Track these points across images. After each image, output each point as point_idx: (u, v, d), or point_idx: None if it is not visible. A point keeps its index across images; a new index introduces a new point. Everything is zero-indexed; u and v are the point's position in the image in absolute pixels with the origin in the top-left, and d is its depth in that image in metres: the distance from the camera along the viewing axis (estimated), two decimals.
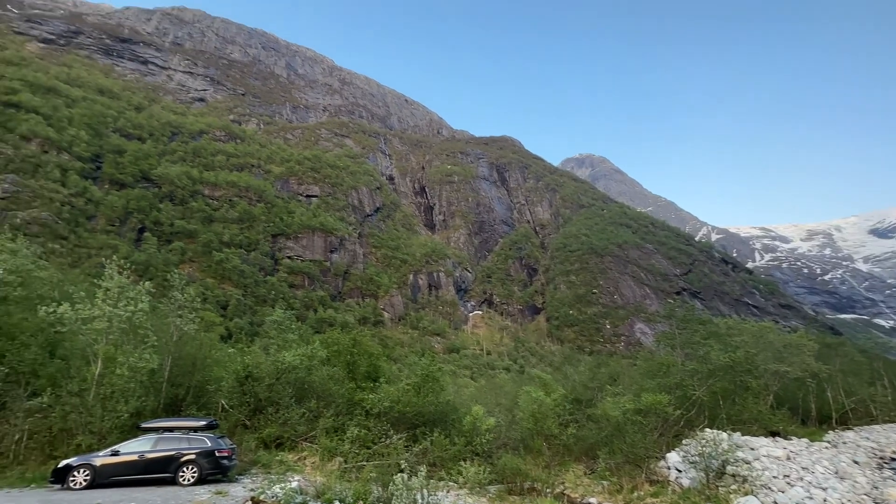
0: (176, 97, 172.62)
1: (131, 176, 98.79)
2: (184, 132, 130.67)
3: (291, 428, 18.18)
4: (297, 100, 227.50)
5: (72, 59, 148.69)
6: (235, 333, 66.93)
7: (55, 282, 23.69)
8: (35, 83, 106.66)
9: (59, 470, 13.08)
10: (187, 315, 20.50)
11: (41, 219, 74.30)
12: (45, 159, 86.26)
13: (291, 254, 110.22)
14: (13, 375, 15.96)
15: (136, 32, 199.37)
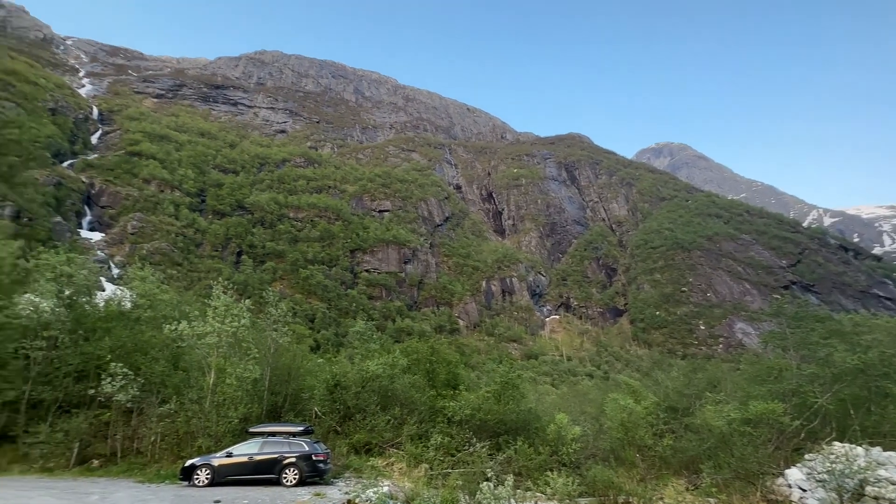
0: (261, 131, 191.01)
1: (229, 206, 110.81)
2: (269, 162, 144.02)
3: (378, 434, 18.92)
4: (365, 121, 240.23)
5: (178, 108, 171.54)
6: (323, 344, 71.61)
7: (175, 303, 27.15)
8: (151, 133, 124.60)
9: (185, 468, 14.88)
10: (281, 328, 22.33)
11: (161, 249, 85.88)
12: (161, 197, 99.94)
13: (368, 267, 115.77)
14: (147, 385, 18.51)
15: (226, 78, 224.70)
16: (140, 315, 23.13)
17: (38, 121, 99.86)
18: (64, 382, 18.74)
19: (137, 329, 21.33)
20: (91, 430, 18.04)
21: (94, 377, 18.75)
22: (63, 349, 19.06)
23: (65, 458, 17.20)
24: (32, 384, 18.23)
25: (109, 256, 79.63)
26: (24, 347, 18.36)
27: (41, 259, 22.13)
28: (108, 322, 21.39)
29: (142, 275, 26.35)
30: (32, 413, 18.30)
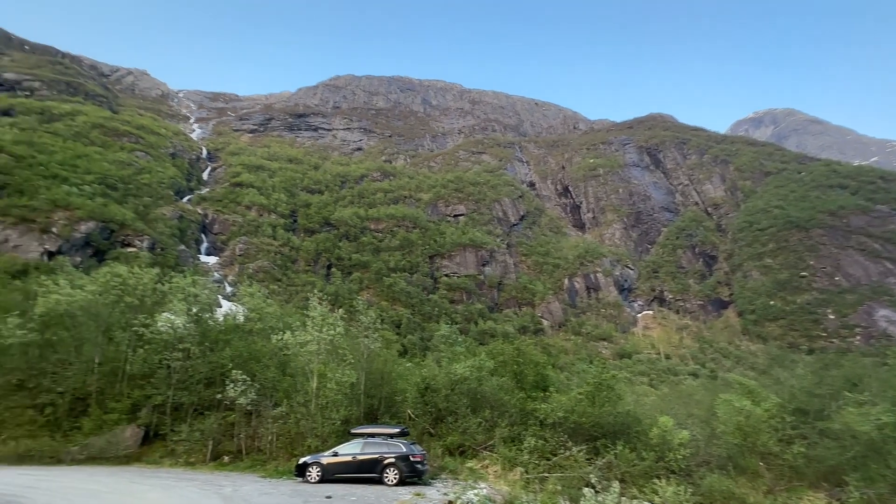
0: (340, 151, 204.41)
1: (317, 223, 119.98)
2: (349, 179, 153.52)
3: (471, 436, 19.06)
4: (434, 129, 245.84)
5: (269, 139, 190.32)
6: (409, 349, 74.16)
7: (279, 315, 29.98)
8: (249, 164, 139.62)
9: (299, 466, 16.30)
10: (372, 335, 23.57)
11: (264, 267, 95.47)
12: (261, 221, 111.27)
13: (448, 271, 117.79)
14: (262, 390, 20.60)
15: (307, 107, 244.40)
16: (252, 327, 25.90)
17: (163, 165, 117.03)
18: (197, 388, 21.58)
19: (251, 340, 23.88)
20: (220, 429, 20.53)
21: (220, 383, 21.31)
22: (194, 359, 21.96)
23: (202, 454, 19.76)
24: (174, 390, 21.25)
25: (223, 277, 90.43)
26: (165, 359, 21.50)
27: (173, 283, 25.76)
28: (228, 334, 24.23)
29: (250, 291, 29.51)
30: (175, 415, 21.32)
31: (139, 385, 22.00)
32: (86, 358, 22.53)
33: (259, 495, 13.20)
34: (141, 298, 24.62)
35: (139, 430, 20.84)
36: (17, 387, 22.29)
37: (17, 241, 67.08)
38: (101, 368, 22.54)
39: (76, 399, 21.87)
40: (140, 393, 21.58)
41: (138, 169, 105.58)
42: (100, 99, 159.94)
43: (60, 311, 22.92)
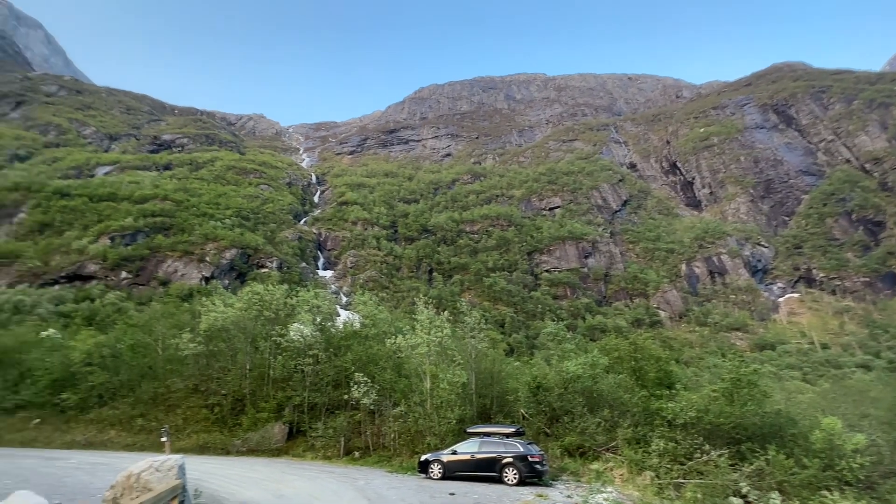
0: (431, 160, 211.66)
1: (416, 231, 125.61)
2: (442, 185, 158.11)
3: (590, 437, 18.15)
4: (520, 124, 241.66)
5: (366, 158, 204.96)
6: (516, 348, 73.47)
7: (390, 321, 31.91)
8: (351, 183, 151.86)
9: (422, 462, 17.09)
10: (478, 335, 23.85)
11: (373, 276, 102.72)
12: (366, 234, 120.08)
13: (548, 267, 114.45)
14: (382, 391, 22.09)
15: (397, 122, 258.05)
16: (368, 333, 27.96)
17: (282, 194, 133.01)
18: (326, 390, 23.94)
19: (368, 344, 25.78)
20: (349, 427, 22.47)
21: (345, 385, 23.35)
22: (322, 364, 24.40)
23: (336, 449, 21.81)
24: (308, 391, 23.86)
25: (339, 288, 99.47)
26: (299, 364, 24.25)
27: (300, 297, 28.96)
28: (348, 340, 26.49)
29: (363, 300, 31.89)
30: (311, 413, 23.90)
31: (281, 387, 25.14)
32: (240, 365, 26.44)
33: (388, 489, 14.12)
34: (276, 312, 28.15)
35: (285, 427, 23.76)
36: (193, 390, 27.03)
37: (182, 270, 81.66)
38: (251, 374, 26.26)
39: (236, 400, 25.75)
40: (282, 394, 24.63)
41: (264, 200, 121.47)
42: (230, 144, 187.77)
43: (218, 326, 27.25)
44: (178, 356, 27.41)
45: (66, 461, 18.05)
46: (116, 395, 27.32)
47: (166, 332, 29.73)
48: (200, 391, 26.70)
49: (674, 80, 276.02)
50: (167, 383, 27.25)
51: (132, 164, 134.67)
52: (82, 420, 26.15)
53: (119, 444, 23.94)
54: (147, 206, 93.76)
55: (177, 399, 26.63)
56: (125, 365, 28.48)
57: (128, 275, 77.92)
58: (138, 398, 26.72)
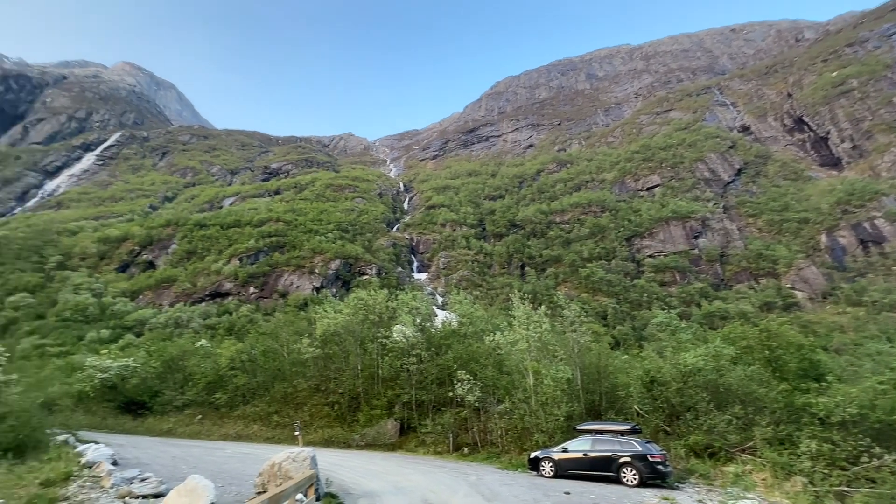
0: (513, 153, 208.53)
1: (504, 227, 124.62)
2: (526, 178, 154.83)
3: (720, 436, 16.27)
4: (605, 102, 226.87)
5: (449, 161, 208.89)
6: (622, 340, 68.99)
7: (486, 318, 32.05)
8: (437, 187, 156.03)
9: (532, 460, 16.83)
10: (579, 329, 22.83)
11: (465, 276, 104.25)
12: (455, 235, 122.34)
13: (651, 252, 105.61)
14: (485, 388, 22.24)
15: (475, 121, 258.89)
16: (466, 331, 28.41)
17: (374, 205, 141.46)
18: (431, 388, 24.81)
19: (467, 343, 26.18)
20: (456, 424, 23.01)
21: (449, 383, 23.98)
22: (425, 363, 25.35)
23: (445, 445, 22.48)
24: (415, 390, 24.96)
25: (434, 289, 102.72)
26: (404, 363, 25.49)
27: (399, 300, 30.47)
28: (447, 339, 27.18)
29: (458, 299, 32.49)
30: (419, 410, 24.96)
31: (390, 386, 26.68)
32: (352, 366, 28.63)
33: (500, 485, 14.14)
34: (379, 315, 29.97)
35: (397, 423, 25.15)
36: (315, 389, 29.92)
37: (297, 282, 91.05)
38: (362, 374, 28.27)
39: (351, 398, 27.94)
40: (392, 393, 26.12)
41: (359, 212, 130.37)
42: (326, 165, 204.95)
43: (331, 331, 29.83)
44: (300, 359, 30.57)
45: (223, 451, 21.16)
46: (255, 394, 31.35)
47: (289, 338, 33.40)
48: (321, 390, 29.44)
49: (790, 23, 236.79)
50: (294, 384, 30.54)
51: (250, 193, 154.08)
52: (232, 416, 30.47)
53: (261, 437, 27.43)
54: (264, 228, 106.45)
55: (303, 398, 29.71)
56: (260, 368, 32.56)
57: (255, 289, 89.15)
58: (272, 397, 30.35)
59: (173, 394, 32.97)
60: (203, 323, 74.59)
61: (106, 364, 34.79)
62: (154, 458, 17.49)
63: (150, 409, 33.00)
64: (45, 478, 12.19)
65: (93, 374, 33.99)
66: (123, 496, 11.21)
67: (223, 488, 11.75)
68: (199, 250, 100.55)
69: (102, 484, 11.97)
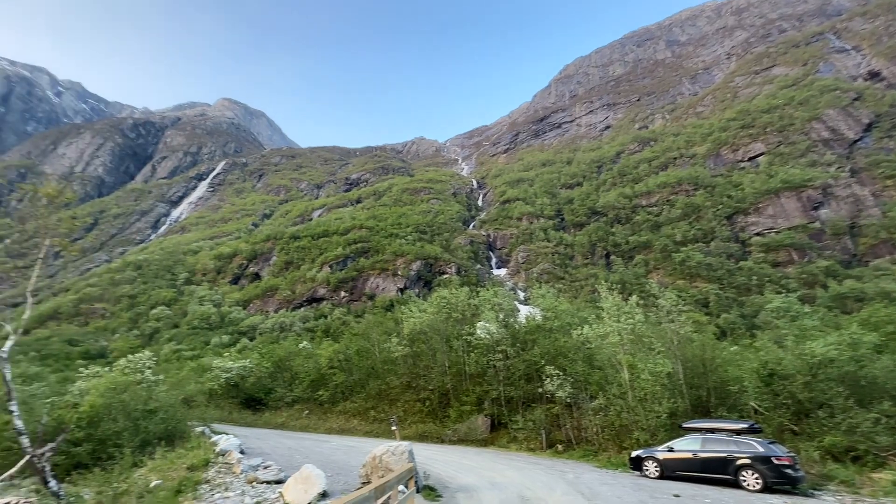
0: (588, 138, 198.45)
1: (583, 215, 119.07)
2: (605, 162, 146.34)
3: (866, 438, 13.93)
4: (692, 68, 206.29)
5: (521, 153, 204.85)
6: (729, 330, 62.30)
7: (572, 311, 30.88)
8: (510, 181, 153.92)
9: (634, 459, 15.84)
10: (677, 318, 21.02)
11: (546, 269, 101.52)
12: (532, 228, 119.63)
13: (758, 229, 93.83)
14: (576, 383, 21.45)
15: (545, 108, 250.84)
16: (551, 325, 27.64)
17: (449, 204, 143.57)
18: (519, 383, 24.50)
19: (553, 337, 25.44)
20: (548, 420, 22.48)
21: (537, 378, 23.52)
22: (511, 359, 25.12)
23: (538, 442, 22.07)
24: (502, 386, 24.86)
25: (514, 284, 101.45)
26: (490, 360, 25.50)
27: (481, 297, 30.57)
28: (532, 334, 26.67)
29: (541, 293, 31.73)
30: (509, 407, 24.80)
31: (478, 382, 26.86)
32: (439, 363, 29.34)
33: (600, 485, 13.53)
34: (462, 313, 30.33)
35: (487, 419, 25.26)
36: (406, 386, 31.17)
37: (382, 284, 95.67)
38: (450, 370, 28.83)
39: (441, 394, 28.64)
40: (480, 389, 26.28)
41: (435, 213, 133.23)
42: (401, 170, 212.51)
43: (417, 330, 30.85)
44: (391, 357, 32.06)
45: (329, 444, 22.93)
46: (353, 391, 33.52)
47: (379, 337, 35.19)
48: (412, 387, 30.59)
49: None
50: (387, 381, 32.11)
51: (334, 204, 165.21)
52: (334, 411, 32.91)
53: (361, 430, 29.26)
54: (349, 236, 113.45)
55: (395, 394, 31.13)
56: (355, 367, 34.74)
57: (345, 293, 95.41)
58: (368, 393, 32.21)
59: (283, 391, 36.50)
60: (303, 326, 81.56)
61: (228, 365, 39.60)
62: (273, 449, 19.50)
63: (266, 405, 36.88)
64: (189, 463, 14.22)
65: (219, 374, 38.89)
66: (251, 481, 12.66)
67: (332, 477, 12.71)
68: (295, 260, 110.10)
69: (234, 470, 13.62)
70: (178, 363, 59.61)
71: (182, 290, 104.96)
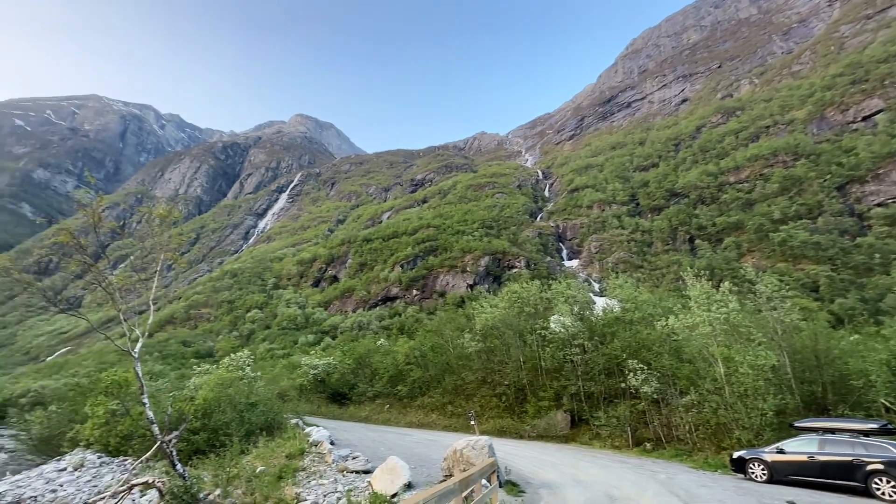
0: (662, 114, 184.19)
1: (661, 198, 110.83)
2: (683, 138, 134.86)
3: None
4: (783, 23, 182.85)
5: (588, 138, 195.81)
6: (847, 317, 54.48)
7: (654, 301, 28.92)
8: (577, 168, 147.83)
9: (736, 460, 14.43)
10: (780, 305, 18.81)
11: (622, 258, 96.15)
12: (604, 216, 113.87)
13: (880, 199, 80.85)
14: (663, 378, 20.07)
15: (611, 88, 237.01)
16: (631, 317, 26.11)
17: (515, 197, 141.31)
18: (599, 378, 23.47)
19: (635, 329, 24.01)
20: (633, 417, 21.28)
21: (619, 373, 22.36)
22: (590, 353, 24.14)
23: (623, 439, 20.98)
24: (581, 380, 23.99)
25: (588, 276, 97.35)
26: (567, 354, 24.72)
27: (553, 290, 29.73)
28: (611, 327, 25.39)
29: (618, 283, 30.11)
30: (589, 402, 23.88)
31: (555, 377, 26.17)
32: (514, 358, 29.02)
33: (698, 487, 12.52)
34: (534, 307, 29.71)
35: (567, 415, 24.53)
36: (482, 382, 31.26)
37: (452, 281, 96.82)
38: (525, 365, 28.39)
39: (517, 389, 28.33)
40: (557, 384, 25.58)
41: (500, 207, 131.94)
42: (464, 167, 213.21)
43: (489, 325, 30.79)
44: (465, 353, 32.34)
45: (410, 437, 23.72)
46: (430, 386, 34.34)
47: (452, 334, 35.65)
48: (488, 382, 30.60)
49: None
50: (462, 376, 32.46)
51: (402, 205, 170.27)
52: (413, 406, 33.98)
53: (439, 425, 29.90)
54: (418, 236, 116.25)
55: (471, 389, 31.35)
56: (430, 363, 35.55)
57: (416, 292, 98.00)
58: (444, 389, 32.80)
59: (365, 386, 38.42)
60: (379, 325, 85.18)
61: (315, 362, 42.55)
62: (359, 441, 20.62)
63: (350, 399, 39.09)
64: (287, 452, 15.49)
65: (307, 371, 41.94)
66: (342, 470, 13.49)
67: (415, 469, 13.13)
68: (369, 262, 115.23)
69: (326, 459, 14.60)
70: (271, 361, 65.34)
71: (271, 294, 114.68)
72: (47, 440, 28.31)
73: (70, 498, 17.96)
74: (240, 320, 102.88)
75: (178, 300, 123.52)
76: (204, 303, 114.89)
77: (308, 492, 12.15)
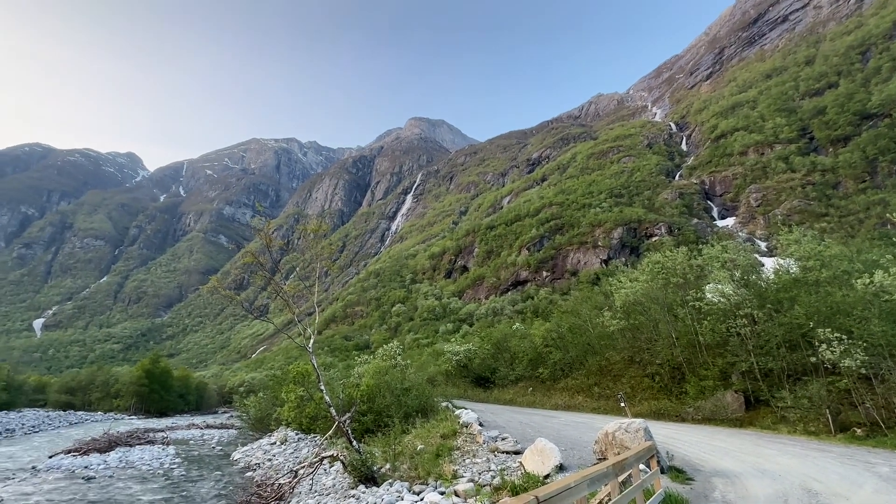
0: (836, 19, 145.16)
1: (847, 125, 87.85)
2: (874, 42, 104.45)
3: None
4: None
5: (731, 73, 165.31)
6: None
7: (849, 255, 23.26)
8: (720, 111, 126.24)
9: None
10: None
11: (795, 207, 79.37)
12: (764, 160, 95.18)
13: None
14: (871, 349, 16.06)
15: (756, 3, 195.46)
16: (816, 277, 21.44)
17: (644, 159, 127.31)
18: (779, 352, 19.83)
19: (823, 291, 19.67)
20: (833, 397, 17.50)
21: (805, 345, 18.62)
22: (762, 323, 20.57)
23: (822, 424, 17.41)
24: (754, 356, 20.60)
25: (750, 234, 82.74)
26: (731, 327, 21.48)
27: (704, 255, 26.12)
28: (788, 291, 21.22)
29: (792, 238, 25.01)
30: (767, 381, 20.39)
31: (718, 354, 22.97)
32: (664, 334, 26.34)
33: None
34: (683, 276, 26.46)
35: (739, 396, 21.36)
36: (629, 361, 29.15)
37: (583, 259, 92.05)
38: (679, 342, 25.55)
39: (672, 368, 25.67)
40: (723, 361, 22.41)
41: (629, 172, 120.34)
42: (582, 137, 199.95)
43: (631, 301, 28.48)
44: (606, 332, 30.53)
45: (557, 419, 23.41)
46: (572, 368, 33.33)
47: (590, 313, 33.96)
48: (636, 362, 28.41)
49: None
50: (606, 356, 30.74)
51: (520, 187, 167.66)
52: (556, 388, 33.43)
53: (586, 407, 28.85)
54: (541, 216, 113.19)
55: (618, 370, 29.48)
56: (570, 344, 34.45)
57: (546, 273, 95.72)
58: (588, 370, 31.49)
59: (506, 370, 39.12)
60: (513, 309, 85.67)
61: (456, 349, 44.86)
62: (506, 423, 21.12)
63: (493, 383, 40.25)
64: (442, 432, 16.68)
65: (450, 357, 44.46)
66: (493, 450, 14.00)
67: (565, 452, 12.90)
68: (495, 248, 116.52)
69: (477, 440, 15.33)
70: (417, 350, 70.99)
71: (410, 289, 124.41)
72: (260, 420, 35.65)
73: (281, 465, 22.29)
74: (387, 315, 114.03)
75: (336, 301, 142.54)
76: (356, 302, 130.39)
77: (464, 469, 12.92)
